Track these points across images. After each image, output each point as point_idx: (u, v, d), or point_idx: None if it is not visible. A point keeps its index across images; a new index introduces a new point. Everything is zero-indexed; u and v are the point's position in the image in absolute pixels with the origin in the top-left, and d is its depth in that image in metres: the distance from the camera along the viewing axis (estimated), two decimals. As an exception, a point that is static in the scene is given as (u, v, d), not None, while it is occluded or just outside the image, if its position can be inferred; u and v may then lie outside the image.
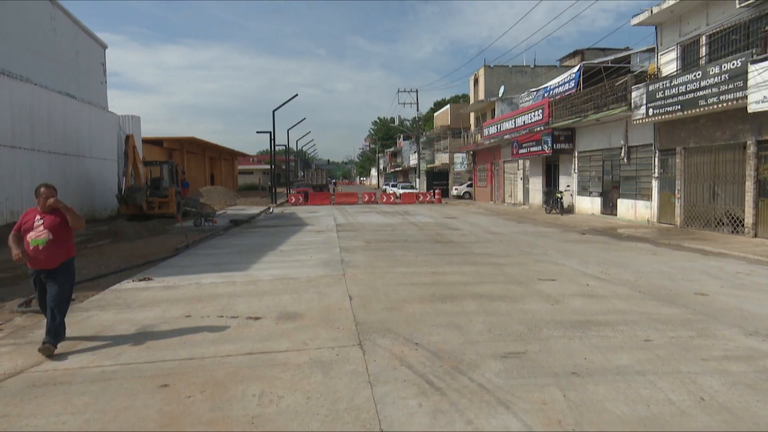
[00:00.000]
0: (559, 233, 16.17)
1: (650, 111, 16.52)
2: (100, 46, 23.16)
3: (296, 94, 35.40)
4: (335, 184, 73.58)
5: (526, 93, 29.95)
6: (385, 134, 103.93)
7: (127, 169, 19.42)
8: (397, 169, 78.61)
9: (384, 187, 64.80)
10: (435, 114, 55.95)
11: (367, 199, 37.29)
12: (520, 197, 29.83)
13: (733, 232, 14.38)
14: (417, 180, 48.41)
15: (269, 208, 30.77)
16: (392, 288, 8.20)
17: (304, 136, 70.07)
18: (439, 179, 47.05)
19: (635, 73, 19.76)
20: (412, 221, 21.24)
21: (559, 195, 23.16)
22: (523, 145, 26.50)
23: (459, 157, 41.72)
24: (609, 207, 20.85)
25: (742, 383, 4.63)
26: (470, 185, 40.72)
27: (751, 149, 13.64)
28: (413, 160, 59.88)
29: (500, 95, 33.72)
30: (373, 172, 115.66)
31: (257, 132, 42.46)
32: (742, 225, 14.11)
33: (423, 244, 13.56)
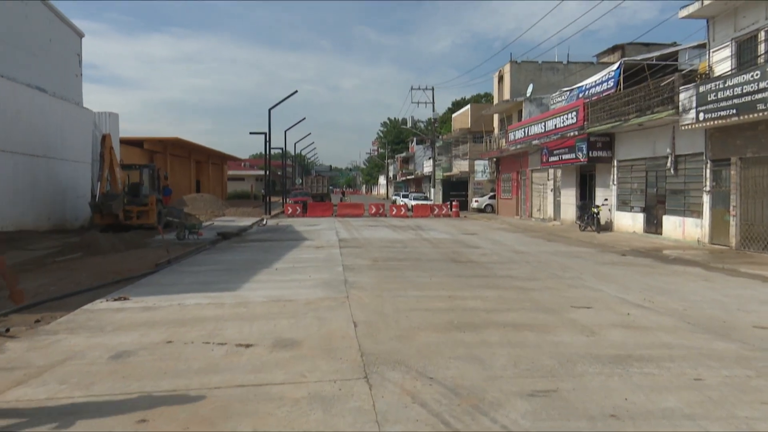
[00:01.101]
0: (596, 254, 16.11)
1: (701, 115, 16.52)
2: (77, 34, 23.56)
3: (295, 91, 35.71)
4: (344, 193, 73.89)
5: (557, 93, 30.03)
6: (396, 137, 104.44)
7: (102, 173, 19.64)
8: (408, 177, 78.87)
9: (393, 197, 64.93)
10: (453, 115, 56.23)
11: (374, 211, 37.41)
12: (550, 212, 29.78)
13: (797, 255, 14.25)
14: (431, 190, 48.50)
15: (262, 219, 30.89)
16: (403, 314, 8.20)
17: (303, 138, 70.58)
18: (456, 190, 47.13)
19: (683, 71, 19.79)
20: (426, 237, 21.24)
21: (595, 210, 23.10)
22: (554, 153, 26.52)
23: (480, 165, 41.81)
24: (653, 225, 20.76)
25: (808, 432, 4.58)
26: (493, 197, 40.73)
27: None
28: (427, 167, 60.06)
29: (528, 95, 33.84)
30: (382, 180, 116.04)
31: (251, 133, 43.03)
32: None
33: (438, 264, 13.56)
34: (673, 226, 19.36)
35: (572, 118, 24.69)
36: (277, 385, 5.43)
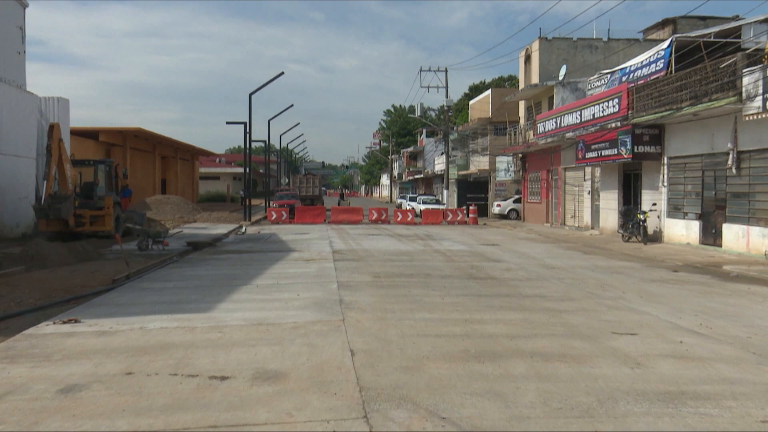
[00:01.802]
0: (642, 269, 16.10)
1: (769, 103, 16.54)
2: (19, 3, 23.69)
3: (281, 73, 35.85)
4: (342, 195, 73.80)
5: (596, 76, 30.10)
6: (402, 128, 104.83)
7: (49, 170, 19.72)
8: (416, 176, 79.11)
9: (399, 200, 64.96)
10: (470, 102, 56.37)
11: (375, 216, 37.52)
12: (587, 218, 29.79)
13: None
14: (444, 192, 48.54)
15: (241, 226, 30.95)
16: (410, 340, 8.21)
17: (290, 130, 70.44)
18: (474, 191, 47.25)
19: (747, 51, 19.81)
20: (438, 249, 21.26)
21: (641, 217, 23.11)
22: (592, 147, 26.56)
23: (503, 162, 41.93)
24: (711, 234, 20.74)
25: None
26: (518, 200, 40.82)
27: None
28: (439, 164, 60.22)
29: (561, 78, 33.93)
30: (384, 179, 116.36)
31: (227, 123, 42.96)
32: None
33: (452, 281, 13.57)
34: (735, 236, 19.35)
35: (614, 106, 24.73)
36: (259, 425, 5.43)
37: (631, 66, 26.19)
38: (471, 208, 38.48)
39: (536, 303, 11.03)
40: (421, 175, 75.48)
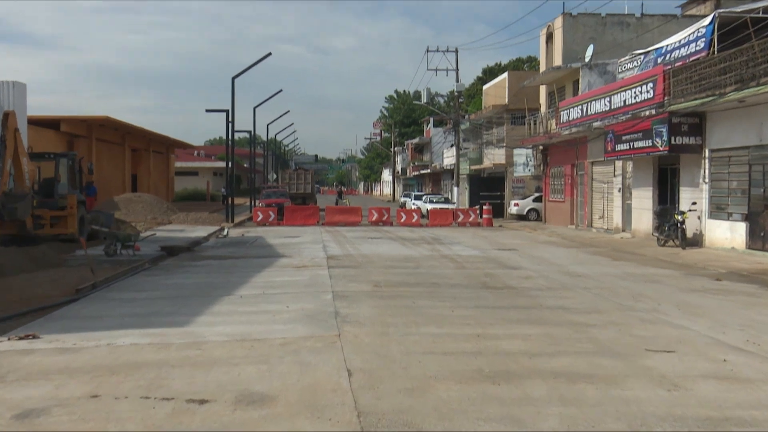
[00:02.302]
0: (680, 278, 16.09)
1: (825, 87, 16.53)
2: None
3: (269, 54, 35.91)
4: (341, 192, 73.49)
5: (627, 57, 30.10)
6: (406, 117, 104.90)
7: (3, 164, 19.73)
8: (423, 171, 79.19)
9: (402, 199, 64.91)
10: (484, 87, 56.43)
11: (375, 217, 37.55)
12: (616, 219, 29.78)
13: None
14: (454, 189, 48.57)
15: (223, 228, 30.95)
16: (415, 358, 8.22)
17: (279, 118, 70.59)
18: (489, 189, 47.21)
19: (801, 27, 19.78)
20: (447, 254, 21.26)
21: (679, 218, 23.09)
22: (623, 139, 26.56)
23: (521, 155, 41.92)
24: (759, 238, 20.72)
25: None
26: (538, 199, 40.82)
27: None
28: (449, 157, 60.26)
29: (587, 59, 33.93)
30: (386, 175, 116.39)
31: (208, 111, 42.98)
32: None
33: (464, 291, 13.58)
34: (787, 239, 19.31)
35: (647, 91, 24.72)
36: (242, 455, 5.43)
37: (667, 46, 26.19)
38: (485, 207, 38.47)
39: (559, 316, 11.03)
40: (428, 170, 75.49)
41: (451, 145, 56.93)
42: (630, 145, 26.04)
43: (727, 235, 22.07)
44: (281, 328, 9.90)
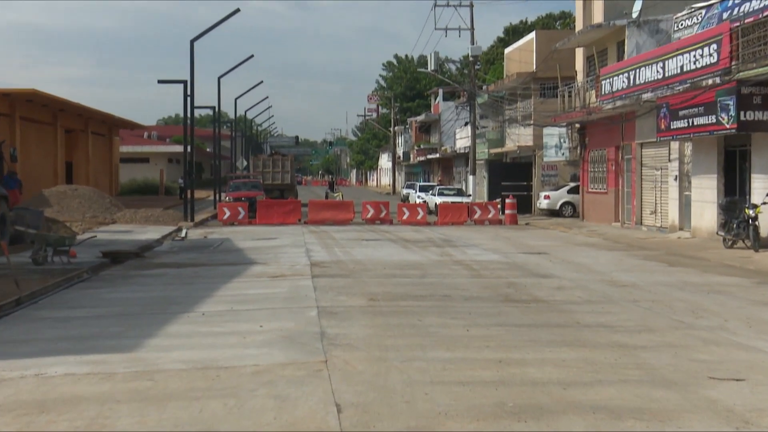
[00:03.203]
0: (751, 288, 16.08)
1: None
2: None
3: (236, 10, 35.78)
4: (332, 183, 72.97)
5: (685, 12, 30.07)
6: (409, 88, 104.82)
7: None
8: (429, 156, 79.12)
9: (405, 191, 64.89)
10: (506, 51, 56.35)
11: (371, 214, 37.53)
12: (673, 215, 29.78)
13: None
14: (469, 179, 48.54)
15: (180, 229, 30.90)
16: (420, 389, 8.21)
17: (250, 90, 70.24)
18: (512, 178, 47.20)
19: None
20: (461, 259, 21.26)
21: (750, 212, 23.06)
22: (680, 114, 26.53)
23: (553, 136, 41.83)
24: None
25: None
26: (574, 190, 40.76)
27: None
28: (462, 139, 60.19)
29: (635, 15, 33.89)
30: (384, 160, 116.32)
31: (161, 82, 42.67)
32: None
33: (481, 305, 13.57)
34: None
35: (710, 54, 24.69)
36: None
37: (735, -3, 26.15)
38: (507, 201, 38.41)
39: (600, 336, 11.01)
40: (437, 155, 75.44)
41: (465, 124, 56.91)
42: (688, 122, 26.02)
43: (811, 233, 22.07)
44: (253, 352, 9.88)
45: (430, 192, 48.86)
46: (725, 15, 26.21)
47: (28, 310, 13.30)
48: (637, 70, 29.71)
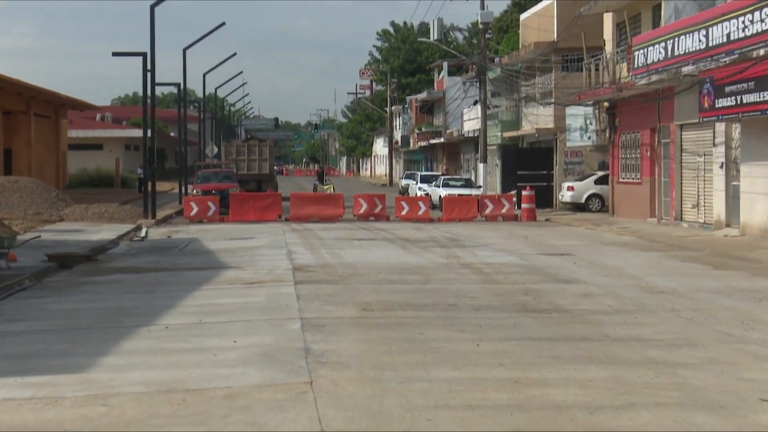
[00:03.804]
0: (810, 294, 16.04)
1: None
2: None
3: (205, -31, 35.62)
4: (323, 175, 72.81)
5: (732, -30, 30.04)
6: (409, 60, 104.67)
7: None
8: (433, 141, 79.03)
9: (404, 182, 64.77)
10: (522, 17, 56.20)
11: (364, 208, 37.50)
12: (719, 209, 29.74)
13: None
14: (480, 168, 48.49)
15: (140, 228, 30.86)
16: (422, 416, 8.20)
17: (221, 64, 70.16)
18: (530, 165, 47.15)
19: None
20: (470, 262, 21.25)
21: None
22: (727, 90, 26.50)
23: (577, 117, 41.75)
24: None
25: None
26: (602, 180, 40.68)
27: None
28: (471, 120, 60.11)
29: (673, -26, 33.84)
30: (379, 146, 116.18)
31: (116, 55, 42.54)
32: None
33: (494, 316, 13.55)
34: None
35: (763, 20, 24.65)
36: None
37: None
38: (524, 193, 38.40)
39: (633, 351, 10.98)
40: (441, 140, 75.39)
41: (475, 102, 56.81)
42: (737, 100, 26.00)
43: None
44: (226, 372, 9.84)
45: (434, 183, 48.87)
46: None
47: (-40, 323, 13.25)
48: (676, 39, 29.67)
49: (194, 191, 42.89)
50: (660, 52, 30.85)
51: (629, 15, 36.98)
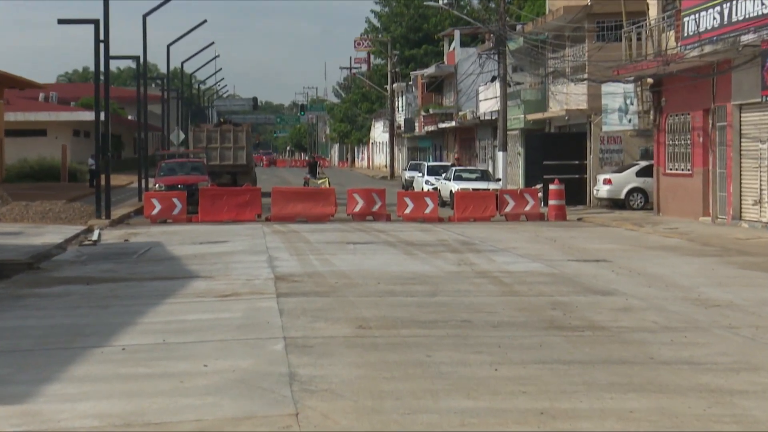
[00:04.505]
0: None
1: None
2: None
3: None
4: (315, 167, 72.58)
5: None
6: (413, 30, 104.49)
7: None
8: (443, 125, 78.93)
9: (408, 174, 64.62)
10: (549, -24, 56.18)
11: (360, 206, 37.52)
12: (784, 206, 29.73)
13: None
14: (498, 157, 48.46)
15: (91, 229, 30.83)
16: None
17: (189, 33, 70.11)
18: (558, 154, 47.12)
19: None
20: (487, 270, 21.26)
21: None
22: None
23: (615, 97, 41.65)
24: None
25: None
26: (646, 171, 40.61)
27: None
28: (488, 101, 60.10)
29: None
30: (378, 131, 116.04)
31: (61, 22, 42.43)
32: None
33: (515, 335, 13.56)
34: None
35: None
36: None
37: None
38: (552, 187, 38.37)
39: (683, 377, 10.96)
40: (452, 123, 75.41)
41: (493, 79, 56.86)
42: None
43: None
44: (195, 403, 9.82)
45: (444, 175, 48.85)
46: None
47: None
48: (735, 2, 29.66)
49: (157, 186, 42.85)
50: (715, 18, 30.84)
51: (677, -25, 36.99)
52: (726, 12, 30.13)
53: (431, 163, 60.98)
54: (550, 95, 50.58)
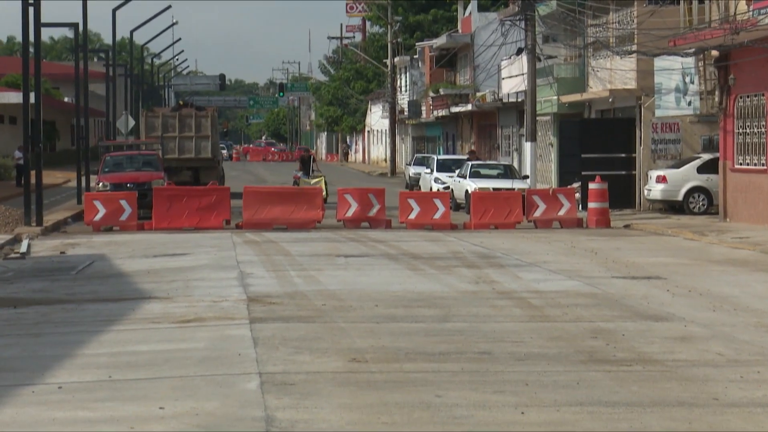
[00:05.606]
0: None
1: None
2: None
3: None
4: (309, 162, 72.22)
5: None
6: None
7: None
8: (456, 109, 78.91)
9: (412, 170, 64.78)
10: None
11: (353, 210, 37.57)
12: None
13: None
14: (525, 148, 48.53)
15: (19, 238, 30.90)
16: None
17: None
18: (600, 146, 47.19)
19: None
20: (510, 289, 21.32)
21: None
22: None
23: (671, 74, 41.65)
24: None
25: None
26: (709, 167, 40.58)
27: None
28: (511, 78, 60.17)
29: None
30: (376, 117, 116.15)
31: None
32: None
33: (547, 369, 13.57)
34: None
35: None
36: None
37: None
38: (592, 186, 38.40)
39: (755, 421, 10.92)
40: (468, 107, 75.47)
41: (518, 52, 56.84)
42: None
43: None
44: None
45: (457, 172, 48.88)
46: None
47: None
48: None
49: (100, 185, 42.92)
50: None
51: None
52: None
53: (442, 157, 61.11)
54: (590, 72, 50.60)
